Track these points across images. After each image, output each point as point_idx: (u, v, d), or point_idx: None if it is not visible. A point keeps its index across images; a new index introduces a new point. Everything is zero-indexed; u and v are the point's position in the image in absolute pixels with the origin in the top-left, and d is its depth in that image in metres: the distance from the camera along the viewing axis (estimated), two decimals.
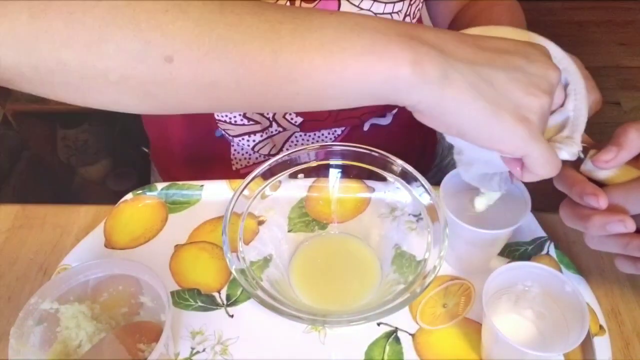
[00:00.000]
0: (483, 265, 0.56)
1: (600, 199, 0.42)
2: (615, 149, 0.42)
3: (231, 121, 0.66)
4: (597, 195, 0.42)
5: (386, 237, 0.57)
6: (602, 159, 0.42)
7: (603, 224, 0.42)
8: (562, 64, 0.45)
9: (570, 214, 0.45)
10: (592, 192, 0.42)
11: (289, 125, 0.67)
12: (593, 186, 0.43)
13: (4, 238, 0.61)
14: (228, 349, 0.51)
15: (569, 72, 0.45)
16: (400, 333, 0.52)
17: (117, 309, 0.51)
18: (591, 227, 0.43)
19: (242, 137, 0.69)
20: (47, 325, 0.47)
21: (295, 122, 0.67)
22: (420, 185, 0.53)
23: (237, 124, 0.67)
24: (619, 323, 0.53)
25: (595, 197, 0.42)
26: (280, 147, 0.71)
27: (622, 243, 0.43)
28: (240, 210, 0.52)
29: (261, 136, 0.69)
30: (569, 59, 0.46)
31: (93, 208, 0.64)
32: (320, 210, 0.60)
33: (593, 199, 0.42)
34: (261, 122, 0.67)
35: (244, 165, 0.73)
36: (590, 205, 0.42)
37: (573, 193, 0.44)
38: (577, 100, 0.44)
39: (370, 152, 0.55)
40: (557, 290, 0.48)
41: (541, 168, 0.39)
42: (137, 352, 0.47)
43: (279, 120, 0.67)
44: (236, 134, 0.68)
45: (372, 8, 0.58)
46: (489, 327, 0.46)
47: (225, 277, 0.56)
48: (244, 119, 0.66)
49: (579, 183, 0.43)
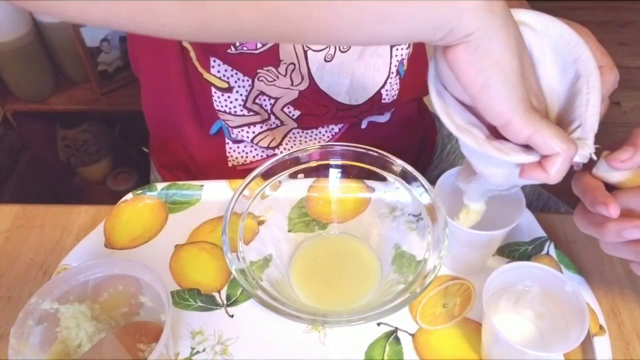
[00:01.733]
0: (479, 265, 0.56)
1: (610, 208, 0.41)
2: (631, 149, 0.41)
3: (231, 111, 0.67)
4: (608, 204, 0.41)
5: (386, 237, 0.57)
6: (619, 158, 0.41)
7: (619, 230, 0.41)
8: (576, 50, 0.41)
9: (584, 221, 0.44)
10: (603, 201, 0.41)
11: (286, 118, 0.67)
12: (605, 194, 0.42)
13: (4, 238, 0.61)
14: (228, 349, 0.51)
15: (581, 61, 0.41)
16: (400, 333, 0.52)
17: (117, 309, 0.51)
18: (606, 234, 0.42)
19: (242, 128, 0.69)
20: (47, 325, 0.47)
21: (292, 115, 0.67)
22: (420, 185, 0.53)
23: (236, 114, 0.67)
24: (619, 323, 0.53)
25: (606, 206, 0.41)
26: (279, 141, 0.71)
27: (635, 250, 0.42)
28: (240, 210, 0.52)
29: (261, 127, 0.69)
30: (583, 45, 0.41)
31: (93, 208, 0.64)
32: (320, 210, 0.60)
33: (604, 207, 0.41)
34: (260, 113, 0.67)
35: (241, 163, 0.73)
36: (601, 214, 0.41)
37: (586, 201, 0.43)
38: (590, 95, 0.40)
39: (370, 152, 0.55)
40: (557, 290, 0.48)
41: (558, 142, 0.37)
42: (137, 352, 0.47)
43: (277, 113, 0.67)
44: (236, 125, 0.68)
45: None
46: (489, 327, 0.46)
47: (225, 277, 0.56)
48: (244, 109, 0.66)
49: (591, 190, 0.42)
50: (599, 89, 0.40)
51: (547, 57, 0.42)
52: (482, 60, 0.35)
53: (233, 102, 0.66)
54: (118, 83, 1.35)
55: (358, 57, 0.64)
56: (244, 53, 0.60)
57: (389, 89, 0.69)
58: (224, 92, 0.65)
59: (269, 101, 0.66)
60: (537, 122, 0.36)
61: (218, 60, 0.63)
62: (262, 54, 0.60)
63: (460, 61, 0.36)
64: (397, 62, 0.67)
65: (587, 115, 0.40)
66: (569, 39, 0.41)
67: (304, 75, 0.63)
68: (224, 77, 0.64)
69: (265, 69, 0.62)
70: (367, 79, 0.67)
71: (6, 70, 1.27)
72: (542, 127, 0.37)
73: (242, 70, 0.63)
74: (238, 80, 0.64)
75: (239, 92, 0.65)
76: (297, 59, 0.61)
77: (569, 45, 0.41)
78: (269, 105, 0.66)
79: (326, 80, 0.64)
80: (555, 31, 0.42)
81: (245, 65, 0.62)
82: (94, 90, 1.33)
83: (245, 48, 0.59)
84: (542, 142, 0.37)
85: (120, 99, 1.34)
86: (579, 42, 0.41)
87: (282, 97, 0.65)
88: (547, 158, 0.38)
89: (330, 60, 0.63)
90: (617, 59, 2.22)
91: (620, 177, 0.43)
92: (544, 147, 0.37)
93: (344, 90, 0.66)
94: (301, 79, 0.63)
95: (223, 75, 0.64)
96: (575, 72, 0.41)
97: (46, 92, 1.34)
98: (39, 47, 1.27)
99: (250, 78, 0.63)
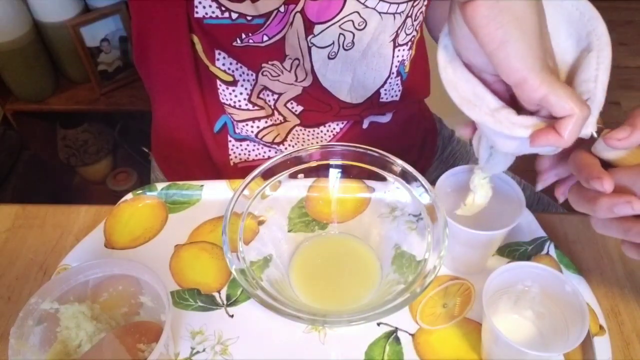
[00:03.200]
0: (478, 265, 0.56)
1: (605, 183, 0.41)
2: (629, 128, 0.41)
3: (236, 105, 0.67)
4: (602, 178, 0.41)
5: (386, 237, 0.57)
6: (615, 136, 0.41)
7: (610, 205, 0.41)
8: (591, 24, 0.41)
9: (578, 197, 0.44)
10: (598, 176, 0.41)
11: (289, 114, 0.67)
12: (600, 170, 0.42)
13: (4, 238, 0.61)
14: (228, 349, 0.51)
15: (595, 35, 0.40)
16: (400, 333, 0.52)
17: (117, 309, 0.51)
18: (598, 209, 0.42)
19: (247, 122, 0.69)
20: (47, 325, 0.47)
21: (295, 111, 0.67)
22: (420, 185, 0.53)
23: (241, 108, 0.67)
24: (619, 323, 0.53)
25: (600, 181, 0.41)
26: (284, 137, 0.71)
27: (624, 228, 0.42)
28: (240, 210, 0.52)
29: (265, 122, 0.69)
30: (599, 19, 0.41)
31: (93, 208, 0.64)
32: (320, 210, 0.60)
33: (598, 182, 0.41)
34: (265, 107, 0.67)
35: (243, 160, 0.73)
36: (595, 189, 0.41)
37: (581, 177, 0.43)
38: (600, 71, 0.40)
39: (370, 152, 0.55)
40: (557, 290, 0.48)
41: (573, 103, 0.37)
42: (137, 352, 0.47)
43: (280, 109, 0.67)
44: (241, 119, 0.68)
45: (377, 7, 0.59)
46: (489, 327, 0.46)
47: (225, 277, 0.56)
48: (249, 103, 0.66)
49: (587, 167, 0.42)
50: (608, 66, 0.40)
51: (561, 28, 0.42)
52: (501, 15, 0.35)
53: (238, 95, 0.66)
54: (118, 83, 1.35)
55: (361, 56, 0.64)
56: (250, 46, 0.60)
57: (388, 89, 0.69)
58: (229, 85, 0.65)
59: (273, 96, 0.66)
60: (553, 81, 0.37)
61: (223, 53, 0.62)
62: (267, 48, 0.60)
63: (479, 15, 0.36)
64: (398, 62, 0.67)
65: (596, 92, 0.40)
66: (584, 12, 0.41)
67: (308, 72, 0.63)
68: (228, 70, 0.64)
69: (270, 63, 0.62)
70: (368, 78, 0.67)
71: (6, 70, 1.27)
72: (557, 88, 0.37)
73: (247, 64, 0.63)
74: (243, 74, 0.64)
75: (244, 85, 0.65)
76: (301, 55, 0.61)
77: (583, 17, 0.41)
78: (273, 101, 0.66)
79: (329, 77, 0.65)
80: (570, 3, 0.41)
81: (250, 58, 0.62)
82: (94, 90, 1.34)
83: (251, 41, 0.59)
84: (556, 102, 0.37)
85: (120, 99, 1.34)
86: (593, 15, 0.41)
87: (285, 93, 0.65)
88: (560, 120, 0.38)
89: (334, 58, 0.63)
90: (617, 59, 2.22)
91: (617, 155, 0.43)
92: (558, 107, 0.37)
93: (347, 88, 0.66)
94: (305, 75, 0.63)
95: (228, 68, 0.64)
96: (588, 45, 0.41)
97: (46, 92, 1.34)
98: (39, 47, 1.27)
99: (254, 72, 0.63)
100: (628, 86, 1.91)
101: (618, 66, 1.99)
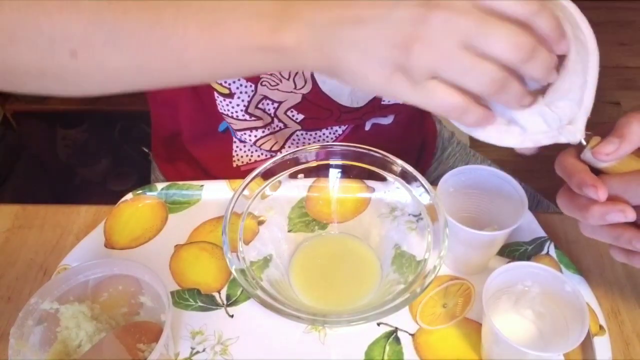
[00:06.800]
0: (480, 266, 0.56)
1: (599, 191, 0.40)
2: (617, 141, 0.41)
3: (233, 115, 0.67)
4: (597, 187, 0.41)
5: (386, 237, 0.57)
6: (604, 151, 0.41)
7: (602, 214, 0.41)
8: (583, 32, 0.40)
9: (568, 203, 0.44)
10: (592, 184, 0.41)
11: (290, 122, 0.67)
12: (593, 177, 0.42)
13: (4, 238, 0.61)
14: (228, 349, 0.51)
15: (582, 43, 0.40)
16: (400, 333, 0.52)
17: (117, 309, 0.51)
18: (590, 217, 0.42)
19: (245, 131, 0.69)
20: (47, 325, 0.47)
21: (296, 119, 0.67)
22: (420, 185, 0.53)
23: (239, 118, 0.67)
24: (619, 323, 0.53)
25: (595, 189, 0.41)
26: (282, 144, 0.71)
27: (614, 235, 0.42)
28: (240, 210, 0.52)
29: (263, 132, 0.69)
30: (585, 23, 0.40)
31: (93, 208, 0.64)
32: (320, 210, 0.60)
33: (592, 190, 0.41)
34: (263, 117, 0.67)
35: (245, 162, 0.73)
36: (589, 197, 0.41)
37: (572, 183, 0.43)
38: (589, 77, 0.40)
39: (370, 152, 0.55)
40: (557, 290, 0.48)
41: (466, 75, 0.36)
42: (137, 352, 0.47)
43: (280, 117, 0.67)
44: (239, 128, 0.68)
45: None
46: (489, 327, 0.46)
47: (225, 277, 0.56)
48: (246, 114, 0.66)
49: (578, 173, 0.42)
50: (596, 70, 0.40)
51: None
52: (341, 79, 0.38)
53: (235, 107, 0.66)
54: None
55: None
56: None
57: None
58: (225, 97, 0.65)
59: (273, 105, 0.66)
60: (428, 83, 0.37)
61: None
62: None
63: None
64: None
65: (584, 97, 0.40)
66: (572, 17, 0.41)
67: (307, 79, 0.63)
68: (224, 84, 0.64)
69: (269, 73, 0.61)
70: None
71: None
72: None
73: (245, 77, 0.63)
74: (240, 86, 0.64)
75: (241, 97, 0.65)
76: None
77: (570, 22, 0.40)
78: (273, 109, 0.66)
79: (329, 82, 0.64)
80: (557, 6, 0.41)
81: None
82: None
83: None
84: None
85: (120, 99, 1.34)
86: (582, 19, 0.41)
87: (285, 101, 0.65)
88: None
89: None
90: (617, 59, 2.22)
91: (607, 164, 0.42)
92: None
93: (347, 92, 0.66)
94: (304, 82, 0.63)
95: (224, 81, 0.64)
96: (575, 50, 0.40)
97: None
98: None
99: (253, 83, 0.63)
100: (628, 86, 1.90)
101: (618, 66, 1.99)
